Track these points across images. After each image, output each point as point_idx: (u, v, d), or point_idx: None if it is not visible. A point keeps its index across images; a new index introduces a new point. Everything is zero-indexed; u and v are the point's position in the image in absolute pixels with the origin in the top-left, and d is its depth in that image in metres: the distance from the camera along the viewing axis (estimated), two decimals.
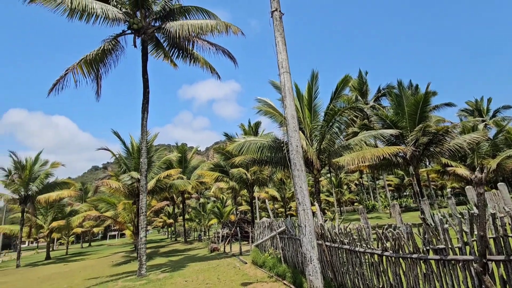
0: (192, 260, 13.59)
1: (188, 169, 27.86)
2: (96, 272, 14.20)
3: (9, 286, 13.04)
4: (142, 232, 10.25)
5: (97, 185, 18.78)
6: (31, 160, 22.61)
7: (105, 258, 22.18)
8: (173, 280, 8.94)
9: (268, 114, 13.21)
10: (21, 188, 21.70)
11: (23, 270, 20.59)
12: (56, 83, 10.52)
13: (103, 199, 23.79)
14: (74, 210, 31.48)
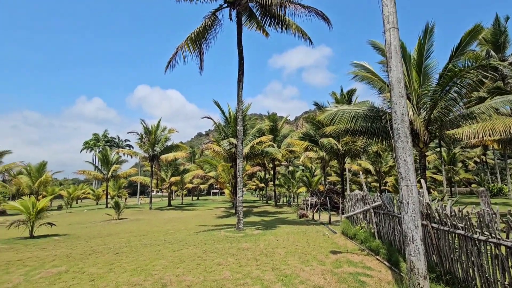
0: (282, 223, 14.52)
1: (278, 138, 28.79)
2: (204, 220, 16.98)
3: (147, 222, 17.12)
4: (239, 192, 11.51)
5: (202, 149, 21.76)
6: (155, 126, 27.92)
7: (210, 211, 26.18)
8: (266, 237, 9.85)
9: (366, 79, 11.93)
10: (149, 149, 27.32)
11: (154, 212, 26.59)
12: (170, 61, 12.24)
13: (207, 161, 27.53)
14: (186, 169, 37.75)
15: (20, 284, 5.73)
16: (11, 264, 7.27)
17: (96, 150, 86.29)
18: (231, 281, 5.53)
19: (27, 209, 10.51)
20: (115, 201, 18.61)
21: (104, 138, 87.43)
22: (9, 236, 11.08)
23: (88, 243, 9.85)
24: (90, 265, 6.96)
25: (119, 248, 8.87)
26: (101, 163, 35.50)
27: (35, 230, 11.05)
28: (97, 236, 11.44)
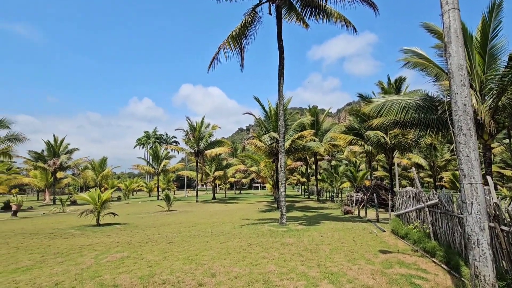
0: (326, 219, 14.22)
1: (320, 132, 28.08)
2: (247, 214, 17.43)
3: (195, 214, 18.14)
4: (282, 187, 11.55)
5: (244, 144, 22.23)
6: (199, 123, 29.27)
7: (252, 205, 26.74)
8: (310, 233, 9.75)
9: (418, 66, 10.93)
10: (194, 145, 28.79)
11: (200, 204, 28.05)
12: (212, 60, 12.66)
13: (249, 156, 28.09)
14: (229, 163, 38.97)
15: (91, 266, 6.54)
16: (83, 248, 8.32)
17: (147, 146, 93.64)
18: (276, 275, 5.62)
19: (94, 200, 11.95)
20: (165, 194, 20.07)
21: (154, 135, 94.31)
22: (80, 223, 12.71)
23: (145, 232, 10.81)
24: (148, 252, 7.65)
25: (172, 238, 9.57)
26: (152, 158, 38.45)
27: (101, 219, 12.50)
28: (152, 226, 12.48)
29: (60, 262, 6.91)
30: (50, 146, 31.60)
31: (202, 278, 5.63)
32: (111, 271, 6.16)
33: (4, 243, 9.02)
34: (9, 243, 9.00)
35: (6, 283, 5.60)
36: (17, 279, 5.82)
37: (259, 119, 21.76)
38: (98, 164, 37.28)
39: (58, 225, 13.12)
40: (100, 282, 5.45)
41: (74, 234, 10.33)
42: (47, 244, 8.80)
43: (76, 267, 6.48)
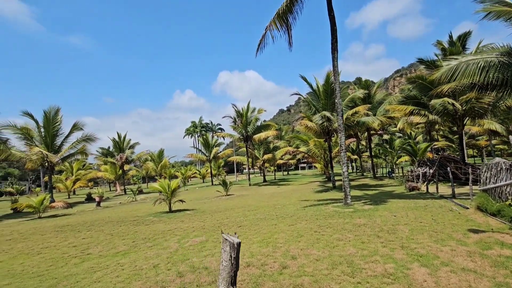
0: (391, 197, 13.46)
1: (372, 105, 26.26)
2: (303, 195, 17.37)
3: (252, 197, 18.70)
4: (344, 167, 11.15)
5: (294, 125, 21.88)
6: (245, 109, 29.58)
7: (305, 185, 26.60)
8: (380, 213, 9.32)
9: (504, 15, 9.23)
10: (243, 130, 29.32)
11: (253, 188, 28.83)
12: (260, 43, 12.38)
13: (297, 137, 27.73)
14: (276, 146, 39.07)
15: (178, 250, 7.15)
16: (165, 233, 9.16)
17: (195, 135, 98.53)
18: (359, 258, 5.48)
19: (165, 189, 13.03)
20: (222, 179, 21.00)
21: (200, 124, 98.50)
22: (155, 210, 14.04)
23: (213, 216, 11.48)
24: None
25: (240, 221, 10.00)
26: (203, 146, 40.39)
27: (172, 206, 13.63)
28: (217, 210, 13.20)
29: (149, 247, 7.70)
30: (116, 142, 35.15)
31: (283, 260, 5.76)
32: (197, 254, 6.66)
33: (100, 231, 10.38)
34: (103, 230, 10.33)
35: (113, 265, 6.43)
36: (120, 262, 6.64)
37: (306, 98, 21.09)
38: (156, 155, 40.52)
39: (136, 212, 14.67)
40: (191, 265, 5.93)
41: (153, 221, 11.44)
42: (134, 231, 9.88)
43: (165, 251, 7.15)
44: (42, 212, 15.59)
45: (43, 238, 9.76)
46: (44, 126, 23.96)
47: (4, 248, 8.74)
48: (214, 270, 5.53)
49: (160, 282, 5.18)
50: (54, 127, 24.16)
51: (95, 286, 5.30)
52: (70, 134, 25.44)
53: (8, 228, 12.64)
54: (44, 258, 7.45)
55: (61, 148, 25.00)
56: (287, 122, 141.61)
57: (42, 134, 24.01)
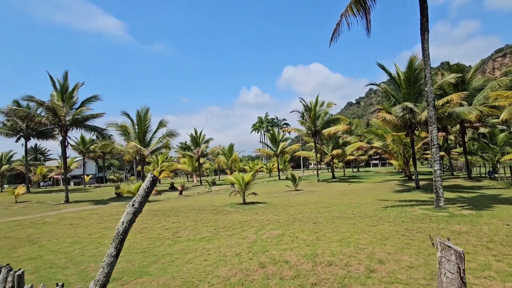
0: (498, 201, 11.24)
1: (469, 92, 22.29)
2: (380, 194, 15.98)
3: (322, 193, 18.12)
4: (437, 165, 9.74)
5: (368, 118, 20.27)
6: (313, 103, 28.77)
7: (380, 184, 24.48)
8: (486, 220, 7.86)
9: None
10: (311, 125, 28.63)
11: (322, 184, 27.96)
12: (334, 32, 11.74)
13: (371, 131, 25.60)
14: (346, 141, 36.99)
15: (257, 241, 7.39)
16: (242, 223, 9.60)
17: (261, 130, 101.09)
18: (469, 271, 4.69)
19: (239, 181, 13.72)
20: (291, 174, 20.95)
21: (266, 120, 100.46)
22: (229, 201, 14.95)
23: (286, 211, 11.54)
24: (299, 231, 8.03)
25: (315, 218, 9.78)
26: (270, 141, 41.07)
27: (246, 198, 14.26)
28: (289, 205, 13.23)
29: (230, 235, 8.18)
30: (193, 137, 38.68)
31: (369, 263, 5.36)
32: (275, 247, 6.76)
33: (185, 217, 11.55)
34: (188, 217, 11.47)
35: (200, 249, 7.04)
36: (206, 247, 7.23)
37: (384, 89, 19.21)
38: (227, 150, 43.06)
39: (213, 202, 15.87)
40: (271, 257, 6.04)
41: (230, 211, 12.17)
42: (214, 219, 10.67)
43: (244, 241, 7.48)
44: None
45: (141, 220, 11.38)
46: (137, 124, 27.91)
47: (114, 226, 10.50)
48: (294, 265, 5.51)
49: (245, 270, 5.42)
50: (145, 124, 27.92)
51: (188, 266, 5.87)
52: (157, 130, 29.02)
53: (115, 209, 15.21)
54: (144, 237, 8.66)
55: (150, 142, 28.77)
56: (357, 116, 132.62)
57: (136, 131, 28.05)
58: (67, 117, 20.73)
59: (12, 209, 18.29)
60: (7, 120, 33.39)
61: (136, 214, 1.16)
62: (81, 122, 21.80)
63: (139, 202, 1.16)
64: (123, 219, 1.11)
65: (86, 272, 5.87)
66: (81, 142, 46.01)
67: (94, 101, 22.40)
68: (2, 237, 9.57)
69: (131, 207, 1.14)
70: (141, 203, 1.17)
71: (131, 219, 1.12)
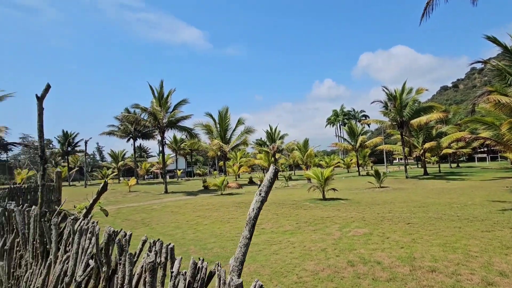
0: None
1: None
2: (492, 194, 13.26)
3: (413, 191, 16.14)
4: None
5: (474, 103, 16.93)
6: (399, 91, 25.76)
7: (490, 182, 20.32)
8: None
9: None
10: (396, 115, 25.76)
11: (412, 181, 24.90)
12: (426, 7, 10.23)
13: (477, 119, 21.32)
14: (441, 132, 31.90)
15: (342, 238, 7.14)
16: (324, 219, 9.43)
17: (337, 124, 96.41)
18: None
19: (318, 177, 13.49)
20: (374, 169, 19.36)
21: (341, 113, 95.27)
22: (308, 197, 14.84)
23: (372, 209, 10.76)
24: (389, 232, 7.39)
25: (407, 218, 8.84)
26: (348, 135, 38.80)
27: (325, 193, 13.93)
28: (374, 203, 12.29)
29: (313, 230, 8.14)
30: (269, 134, 39.83)
31: (485, 274, 4.56)
32: (363, 246, 6.41)
33: (267, 210, 12.01)
34: (270, 210, 11.91)
35: (284, 242, 7.24)
36: (290, 240, 7.38)
37: (496, 66, 15.72)
38: (302, 145, 42.71)
39: (292, 197, 16.03)
40: (360, 256, 5.76)
41: (310, 206, 12.11)
42: (295, 213, 10.79)
43: (328, 237, 7.33)
44: (223, 190, 19.98)
45: (228, 211, 12.41)
46: (219, 123, 30.43)
47: (206, 215, 11.76)
48: (388, 267, 5.12)
49: (333, 266, 5.33)
50: (225, 123, 30.21)
51: (275, 257, 6.13)
52: (236, 128, 31.05)
53: (205, 200, 16.99)
54: (232, 226, 9.41)
55: (230, 139, 30.99)
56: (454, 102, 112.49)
57: (217, 129, 30.63)
58: (164, 119, 24.12)
59: (128, 197, 22.44)
60: (120, 124, 41.07)
61: (263, 202, 1.29)
62: (174, 124, 25.05)
63: (265, 192, 1.29)
64: (253, 206, 1.25)
65: (188, 253, 6.75)
66: (174, 141, 52.87)
67: (183, 104, 25.41)
68: (124, 219, 11.87)
69: (258, 196, 1.27)
70: (267, 192, 1.30)
71: (259, 207, 1.25)
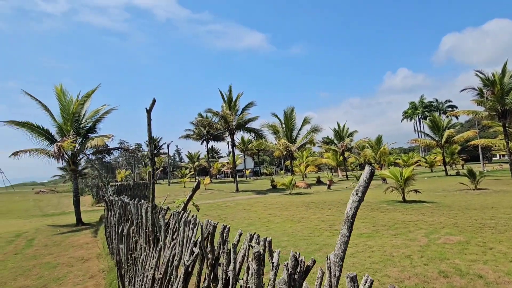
0: None
1: None
2: None
3: None
4: None
5: None
6: (498, 74, 21.46)
7: None
8: None
9: None
10: (496, 104, 21.52)
11: None
12: None
13: None
14: None
15: (429, 245, 6.41)
16: (406, 223, 8.59)
17: (415, 117, 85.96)
18: None
19: (396, 177, 12.32)
20: (468, 168, 16.60)
21: (421, 105, 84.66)
22: (385, 198, 13.67)
23: (466, 214, 9.32)
24: (492, 241, 6.31)
25: None
26: (430, 129, 34.18)
27: (406, 195, 12.64)
28: (469, 207, 10.60)
29: (393, 235, 7.52)
30: (336, 131, 38.17)
31: None
32: (458, 256, 5.64)
33: (339, 211, 11.61)
34: (342, 211, 11.46)
35: (361, 245, 6.89)
36: (367, 243, 6.99)
37: None
38: (374, 142, 39.54)
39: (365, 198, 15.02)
40: (455, 267, 5.09)
41: (387, 209, 11.18)
42: (370, 216, 10.14)
43: (413, 243, 6.67)
44: (291, 189, 20.08)
45: (298, 210, 12.44)
46: (285, 123, 30.65)
47: (277, 214, 12.03)
48: (494, 282, 4.41)
49: (421, 275, 4.86)
50: (291, 122, 30.25)
51: (352, 260, 5.91)
52: (302, 127, 30.76)
53: (274, 199, 17.38)
54: (303, 226, 9.41)
55: (296, 139, 30.87)
56: None
57: (283, 129, 30.88)
58: (233, 122, 25.58)
59: (204, 194, 24.57)
60: (195, 128, 45.24)
61: (360, 202, 1.33)
62: (243, 125, 26.31)
63: (361, 192, 1.32)
64: (350, 206, 1.30)
65: None
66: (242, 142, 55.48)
67: (251, 106, 26.46)
68: (204, 214, 13.07)
69: (355, 196, 1.31)
70: (363, 192, 1.33)
71: (357, 206, 1.29)
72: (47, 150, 13.25)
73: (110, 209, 6.73)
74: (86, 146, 13.63)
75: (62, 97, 13.69)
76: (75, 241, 9.99)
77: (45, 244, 9.64)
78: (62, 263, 7.32)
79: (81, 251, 8.48)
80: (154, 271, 3.06)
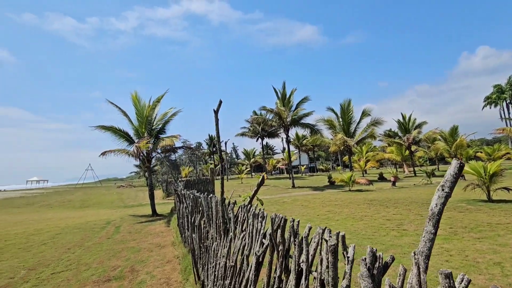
0: None
1: None
2: None
3: None
4: None
5: None
6: None
7: None
8: None
9: None
10: None
11: None
12: None
13: None
14: None
15: None
16: (494, 226, 7.47)
17: (501, 103, 73.05)
18: None
19: (479, 173, 10.72)
20: None
21: (509, 87, 71.46)
22: (465, 197, 12.00)
23: None
24: None
25: None
26: None
27: (492, 194, 10.93)
28: None
29: (476, 238, 6.63)
30: (401, 123, 34.88)
31: None
32: None
33: (407, 209, 10.68)
34: (410, 210, 10.53)
35: (436, 248, 6.23)
36: (444, 246, 6.30)
37: None
38: (448, 134, 34.94)
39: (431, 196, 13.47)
40: None
41: (468, 209, 9.85)
42: (446, 216, 9.08)
43: (503, 249, 5.79)
44: (351, 186, 19.16)
45: (359, 208, 11.84)
46: (341, 116, 29.23)
47: (336, 211, 11.66)
48: None
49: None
50: (348, 116, 28.71)
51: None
52: (361, 120, 28.92)
53: (332, 196, 16.85)
54: (366, 225, 8.93)
55: (355, 133, 29.20)
56: None
57: (340, 123, 29.50)
58: (288, 118, 25.50)
59: (260, 190, 25.16)
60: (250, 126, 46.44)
61: (447, 198, 1.25)
62: (297, 121, 26.04)
63: (448, 187, 1.24)
64: (436, 202, 1.23)
65: None
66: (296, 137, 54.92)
67: (305, 102, 25.99)
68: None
69: (441, 192, 1.24)
70: (451, 188, 1.24)
71: (443, 202, 1.22)
72: (127, 150, 15.23)
73: (182, 201, 7.44)
74: (158, 145, 15.26)
75: (137, 103, 15.56)
76: (152, 229, 11.32)
77: (129, 231, 11.16)
78: (144, 248, 8.39)
79: (157, 239, 9.57)
80: (226, 259, 3.32)
